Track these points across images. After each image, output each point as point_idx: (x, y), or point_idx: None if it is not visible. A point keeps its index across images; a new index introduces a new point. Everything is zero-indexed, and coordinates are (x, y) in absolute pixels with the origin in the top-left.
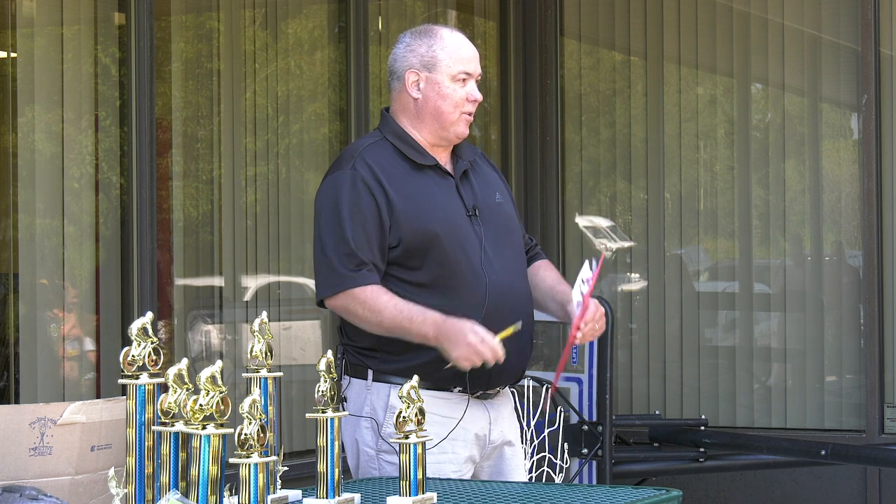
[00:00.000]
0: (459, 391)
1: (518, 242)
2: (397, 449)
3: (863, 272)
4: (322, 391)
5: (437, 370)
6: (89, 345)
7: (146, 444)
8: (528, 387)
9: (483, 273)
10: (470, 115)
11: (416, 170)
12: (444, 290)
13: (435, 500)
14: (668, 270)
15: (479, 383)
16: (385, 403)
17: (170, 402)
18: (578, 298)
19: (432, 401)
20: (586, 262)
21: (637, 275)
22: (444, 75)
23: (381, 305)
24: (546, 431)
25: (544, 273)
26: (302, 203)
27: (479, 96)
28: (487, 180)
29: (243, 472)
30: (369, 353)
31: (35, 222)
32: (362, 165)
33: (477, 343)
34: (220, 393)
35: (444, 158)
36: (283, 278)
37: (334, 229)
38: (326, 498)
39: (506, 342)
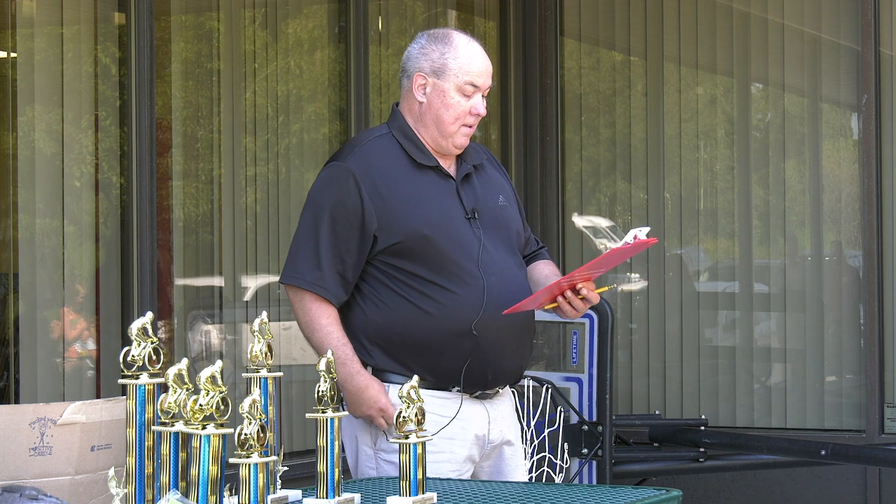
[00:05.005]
0: (458, 391)
1: (519, 243)
2: (397, 449)
3: (863, 272)
4: (322, 391)
5: (436, 368)
6: (89, 345)
7: (146, 444)
8: (528, 387)
9: (480, 274)
10: (470, 127)
11: (417, 169)
12: (441, 289)
13: (435, 500)
14: (668, 270)
15: (477, 383)
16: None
17: (170, 402)
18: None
19: (430, 400)
20: (642, 230)
21: (637, 275)
22: (450, 84)
23: (316, 325)
24: (546, 431)
25: (542, 267)
26: (302, 203)
27: (483, 111)
28: (492, 183)
29: (243, 472)
30: (369, 348)
31: (35, 222)
32: (360, 161)
33: (372, 417)
34: (220, 393)
35: (447, 161)
36: None
37: (312, 229)
38: (326, 498)
39: (505, 342)
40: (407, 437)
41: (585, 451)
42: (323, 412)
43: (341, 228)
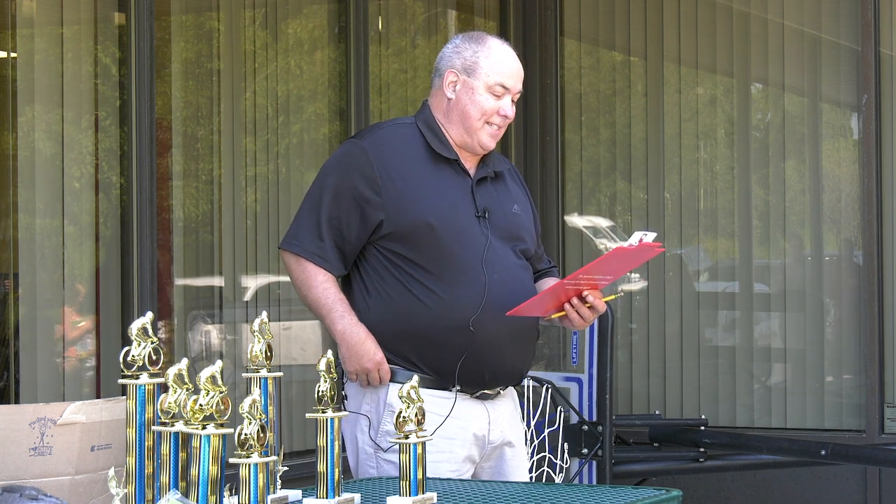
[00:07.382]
0: (459, 390)
1: (528, 254)
2: (398, 449)
3: (863, 272)
4: (322, 391)
5: (434, 363)
6: (89, 345)
7: (146, 444)
8: (528, 387)
9: (483, 271)
10: (497, 128)
11: (434, 161)
12: (440, 282)
13: (435, 500)
14: (668, 270)
15: (475, 382)
16: (383, 402)
17: (170, 402)
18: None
19: (431, 399)
20: (648, 234)
21: (637, 275)
22: (480, 82)
23: (313, 282)
24: (546, 431)
25: (551, 281)
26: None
27: (511, 113)
28: (509, 192)
29: (243, 472)
30: None
31: (35, 222)
32: (377, 142)
33: (369, 370)
34: (220, 393)
35: (468, 161)
36: (283, 278)
37: (317, 201)
38: (326, 498)
39: (504, 342)
40: (407, 437)
41: (585, 451)
42: (323, 412)
43: (345, 204)
